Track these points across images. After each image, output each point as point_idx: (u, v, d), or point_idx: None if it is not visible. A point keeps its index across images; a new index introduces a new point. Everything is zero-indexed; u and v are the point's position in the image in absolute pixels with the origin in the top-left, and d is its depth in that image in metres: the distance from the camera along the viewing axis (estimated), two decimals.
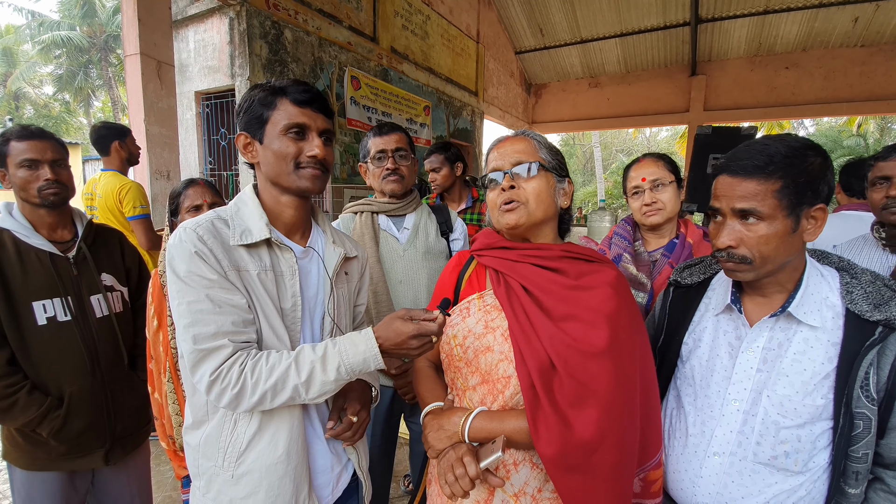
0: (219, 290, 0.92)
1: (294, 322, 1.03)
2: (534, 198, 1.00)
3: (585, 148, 25.32)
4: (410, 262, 1.66)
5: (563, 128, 12.82)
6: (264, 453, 0.98)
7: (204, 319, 0.90)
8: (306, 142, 1.01)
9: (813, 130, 22.82)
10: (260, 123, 1.01)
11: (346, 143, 6.81)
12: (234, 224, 1.00)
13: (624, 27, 10.29)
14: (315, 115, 1.02)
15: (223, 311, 0.91)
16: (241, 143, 1.06)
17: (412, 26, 7.97)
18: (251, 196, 1.07)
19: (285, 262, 1.03)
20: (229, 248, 0.96)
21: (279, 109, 1.00)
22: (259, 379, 0.90)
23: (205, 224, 0.96)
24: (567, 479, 0.87)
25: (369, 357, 0.94)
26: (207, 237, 0.94)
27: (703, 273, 1.14)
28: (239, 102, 1.05)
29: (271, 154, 1.00)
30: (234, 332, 0.92)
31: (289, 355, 0.94)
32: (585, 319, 0.92)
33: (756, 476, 0.95)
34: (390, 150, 1.66)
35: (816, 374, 0.90)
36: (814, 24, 9.12)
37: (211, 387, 0.90)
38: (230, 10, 5.19)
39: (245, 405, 0.92)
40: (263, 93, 1.02)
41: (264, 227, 1.00)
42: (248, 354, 0.93)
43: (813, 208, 0.89)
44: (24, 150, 1.44)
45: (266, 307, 0.98)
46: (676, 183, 1.58)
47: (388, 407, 1.68)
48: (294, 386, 0.92)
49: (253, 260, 0.99)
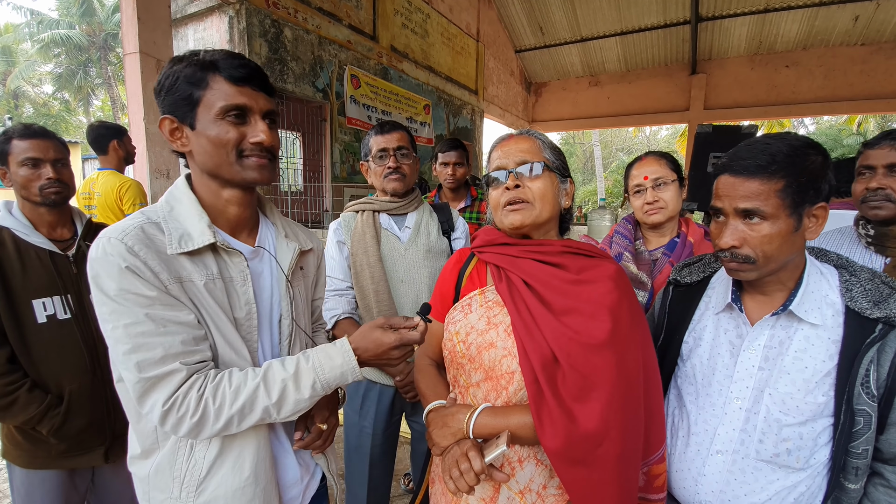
0: (160, 308, 0.80)
1: (250, 331, 0.93)
2: (539, 198, 1.00)
3: (585, 146, 25.32)
4: (412, 261, 1.66)
5: (564, 126, 12.82)
6: (228, 478, 0.89)
7: (147, 343, 0.79)
8: (248, 126, 0.88)
9: (813, 129, 22.82)
10: (189, 105, 0.86)
11: (346, 142, 6.81)
12: (168, 228, 0.86)
13: (624, 25, 10.28)
14: (256, 93, 0.88)
15: (169, 331, 0.80)
16: (167, 129, 0.89)
17: (412, 24, 7.96)
18: (185, 191, 0.92)
19: (234, 267, 0.91)
20: (167, 257, 0.83)
21: (212, 89, 0.85)
22: (223, 403, 0.81)
23: (133, 231, 0.81)
24: (572, 472, 0.87)
25: (347, 371, 0.89)
26: (139, 247, 0.80)
27: (703, 271, 1.15)
28: (159, 79, 0.88)
29: (207, 142, 0.86)
30: (186, 353, 0.81)
31: (255, 374, 0.85)
32: (587, 312, 0.92)
33: (758, 473, 0.95)
34: (392, 148, 1.66)
35: (818, 371, 0.90)
36: (814, 23, 9.12)
37: (165, 417, 0.79)
38: (230, 8, 5.19)
39: (207, 433, 0.82)
40: (190, 68, 0.85)
41: (206, 230, 0.87)
42: (207, 376, 0.83)
43: (814, 207, 0.89)
44: (26, 148, 1.44)
45: (218, 319, 0.87)
46: (678, 182, 1.58)
47: (389, 406, 1.69)
48: (264, 408, 0.84)
49: (197, 268, 0.86)
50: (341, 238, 1.70)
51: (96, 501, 1.61)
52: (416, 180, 1.79)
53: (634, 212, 1.66)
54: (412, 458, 1.93)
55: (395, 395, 1.68)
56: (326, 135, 6.58)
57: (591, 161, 23.27)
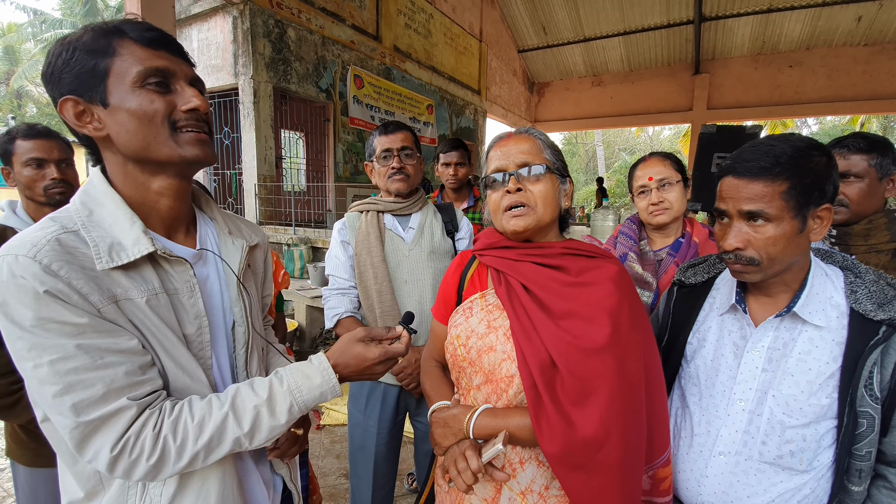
0: (94, 336, 0.66)
1: (203, 348, 0.81)
2: (541, 201, 0.98)
3: (588, 146, 25.29)
4: (416, 261, 1.66)
5: (566, 126, 12.82)
6: None
7: (83, 380, 0.65)
8: (175, 94, 0.75)
9: (816, 129, 22.75)
10: (96, 79, 0.71)
11: (349, 142, 6.82)
12: (92, 237, 0.70)
13: (627, 25, 10.28)
14: (175, 59, 0.76)
15: (108, 363, 0.67)
16: (71, 113, 0.72)
17: (415, 25, 7.97)
18: (105, 189, 0.75)
19: (179, 276, 0.78)
20: (96, 274, 0.69)
21: (122, 55, 0.71)
22: (185, 440, 0.71)
23: (47, 245, 0.66)
24: (572, 477, 0.86)
25: (326, 390, 0.82)
26: (58, 265, 0.65)
27: (707, 272, 1.14)
28: (47, 61, 0.72)
29: (129, 117, 0.71)
30: (132, 386, 0.69)
31: (220, 402, 0.75)
32: (586, 316, 0.91)
33: (761, 475, 0.95)
34: (396, 148, 1.66)
35: (821, 373, 0.90)
36: (817, 23, 9.10)
37: (115, 463, 0.67)
38: (234, 8, 5.21)
39: (168, 473, 0.71)
40: (91, 35, 0.71)
41: (142, 237, 0.73)
42: (162, 410, 0.71)
43: (819, 208, 0.88)
44: (30, 148, 1.45)
45: (165, 340, 0.75)
46: (683, 182, 1.58)
47: (394, 405, 1.69)
48: (235, 439, 0.74)
49: (135, 283, 0.72)
50: (345, 238, 1.71)
51: None
52: (421, 181, 1.79)
53: (639, 212, 1.66)
54: (416, 457, 1.93)
55: (399, 393, 1.69)
56: (329, 135, 6.60)
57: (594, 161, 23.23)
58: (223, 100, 5.70)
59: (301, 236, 5.24)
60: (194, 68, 0.81)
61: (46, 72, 0.73)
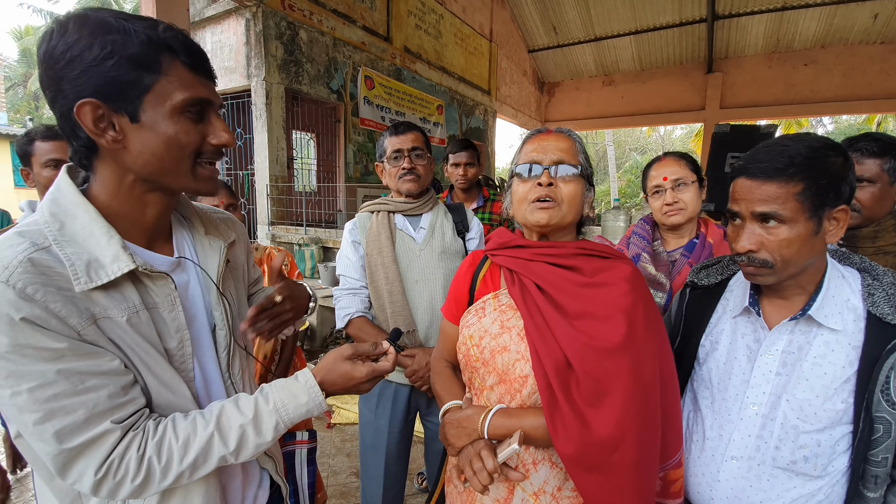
0: (74, 360, 0.64)
1: (184, 361, 0.79)
2: (568, 201, 0.98)
3: (598, 146, 25.13)
4: (427, 261, 1.66)
5: (577, 126, 12.75)
6: None
7: (64, 406, 0.63)
8: (208, 125, 0.74)
9: (832, 128, 22.38)
10: (133, 91, 0.66)
11: (360, 143, 6.86)
12: (66, 254, 0.66)
13: (639, 24, 10.20)
14: (211, 85, 0.74)
15: (90, 387, 0.65)
16: (90, 118, 0.66)
17: (425, 25, 7.99)
18: (78, 199, 0.70)
19: (159, 291, 0.76)
20: (72, 294, 0.65)
21: (170, 77, 0.68)
22: (170, 460, 0.70)
23: (19, 268, 0.61)
24: (587, 478, 0.86)
25: (313, 407, 0.82)
26: (33, 289, 0.61)
27: (721, 274, 1.13)
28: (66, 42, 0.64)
29: (158, 141, 0.69)
30: (115, 408, 0.67)
31: (206, 421, 0.74)
32: (600, 316, 0.91)
33: (774, 480, 0.94)
34: (406, 149, 1.66)
35: (837, 378, 0.89)
36: (833, 21, 8.96)
37: (99, 486, 0.66)
38: (246, 11, 5.26)
39: (152, 491, 0.71)
40: (137, 46, 0.65)
41: (121, 253, 0.69)
42: (146, 431, 0.70)
43: (835, 209, 0.87)
44: (49, 150, 1.48)
45: (147, 357, 0.73)
46: (698, 182, 1.57)
47: (405, 404, 1.70)
48: (220, 457, 0.74)
49: (114, 302, 0.69)
50: (356, 238, 1.72)
51: None
52: (431, 181, 1.80)
53: (653, 213, 1.65)
54: (426, 457, 1.94)
55: (410, 393, 1.70)
56: (340, 135, 6.64)
57: (605, 161, 23.09)
58: (236, 101, 5.75)
59: (312, 236, 5.28)
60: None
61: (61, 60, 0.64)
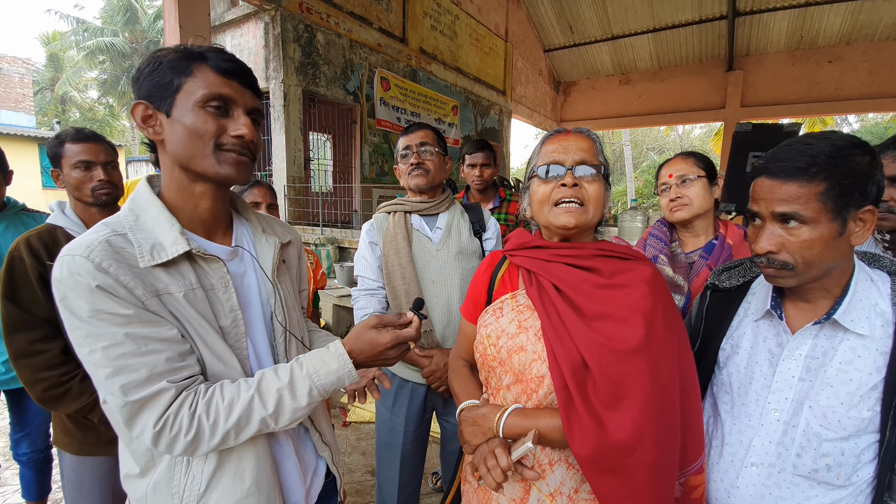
0: (140, 326, 0.75)
1: (238, 339, 0.89)
2: (594, 201, 0.97)
3: (615, 146, 24.86)
4: (443, 261, 1.66)
5: (593, 126, 12.62)
6: (230, 490, 0.86)
7: (130, 364, 0.74)
8: (230, 119, 0.84)
9: (857, 126, 21.79)
10: (168, 91, 0.81)
11: (376, 143, 6.90)
12: (136, 238, 0.80)
13: (657, 22, 10.06)
14: (242, 89, 0.85)
15: (152, 350, 0.76)
16: (140, 115, 0.83)
17: (441, 26, 8.00)
18: (149, 197, 0.86)
19: (214, 273, 0.87)
20: (140, 270, 0.78)
21: (196, 77, 0.81)
22: (217, 419, 0.78)
23: (98, 246, 0.75)
24: (603, 480, 0.85)
25: (343, 375, 0.87)
26: (108, 263, 0.74)
27: (743, 276, 1.10)
28: (138, 67, 0.84)
29: (183, 130, 0.81)
30: (172, 371, 0.77)
31: (248, 385, 0.82)
32: (619, 317, 0.90)
33: (795, 489, 0.92)
34: (414, 145, 1.66)
35: (863, 384, 0.86)
36: (858, 17, 8.72)
37: (158, 438, 0.76)
38: (265, 14, 5.34)
39: (203, 449, 0.80)
40: (177, 56, 0.82)
41: (179, 238, 0.82)
42: (197, 392, 0.79)
43: (861, 210, 0.84)
44: (78, 151, 1.52)
45: (202, 331, 0.83)
46: (708, 179, 1.55)
47: (421, 403, 1.71)
48: (261, 419, 0.81)
49: (174, 279, 0.81)
50: (373, 239, 1.73)
51: None
52: (445, 179, 1.79)
53: (662, 210, 1.66)
54: (442, 456, 1.94)
55: (426, 392, 1.70)
56: (356, 136, 6.69)
57: (621, 161, 22.83)
58: None
59: (328, 236, 5.33)
60: (261, 98, 0.90)
61: (134, 76, 0.85)
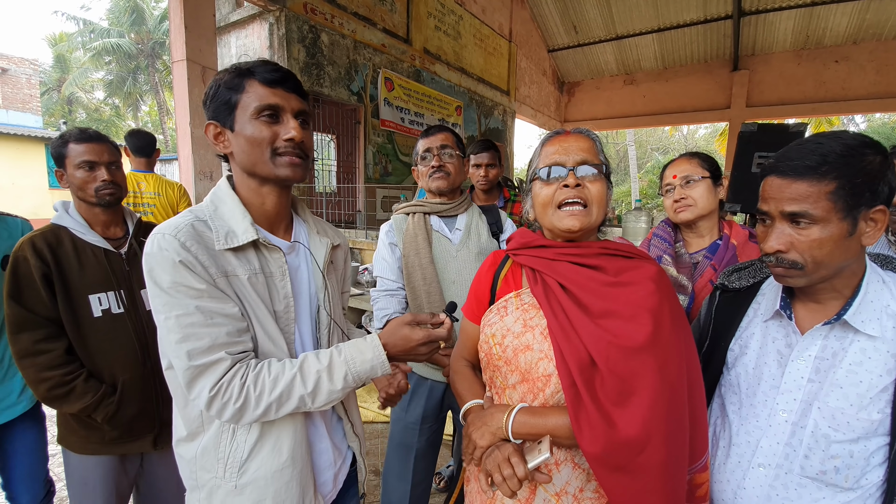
0: (209, 300, 0.86)
1: (288, 324, 1.00)
2: (597, 202, 0.97)
3: (619, 146, 24.80)
4: (464, 262, 1.67)
5: (597, 126, 12.58)
6: (268, 460, 0.95)
7: (196, 333, 0.85)
8: (281, 125, 0.94)
9: (864, 127, 21.64)
10: (229, 109, 0.93)
11: (379, 144, 6.90)
12: (215, 225, 0.93)
13: (661, 22, 10.01)
14: (288, 95, 0.95)
15: (216, 323, 0.86)
16: (212, 134, 0.97)
17: (445, 27, 7.99)
18: (228, 192, 0.99)
19: (274, 262, 0.98)
20: (214, 252, 0.90)
21: (248, 92, 0.92)
22: (263, 391, 0.88)
23: (185, 228, 0.88)
24: (614, 479, 0.85)
25: (377, 364, 0.94)
26: (190, 243, 0.87)
27: (753, 277, 1.10)
28: (206, 91, 0.97)
29: (244, 141, 0.93)
30: (230, 344, 0.88)
31: (292, 365, 0.91)
32: (626, 315, 0.90)
33: (803, 490, 0.91)
34: (435, 147, 1.67)
35: (873, 386, 0.85)
36: (865, 16, 8.65)
37: (211, 403, 0.86)
38: (270, 15, 5.35)
39: (249, 418, 0.89)
40: (230, 75, 0.94)
41: (249, 228, 0.94)
42: (248, 366, 0.89)
43: (872, 210, 0.84)
44: (82, 152, 1.52)
45: (259, 312, 0.94)
46: (712, 180, 1.55)
47: (439, 402, 1.70)
48: (300, 396, 0.90)
49: (241, 264, 0.93)
50: (393, 240, 1.73)
51: (145, 486, 1.69)
52: (463, 181, 1.80)
53: (666, 211, 1.66)
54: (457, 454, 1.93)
55: (445, 390, 1.70)
56: (360, 137, 6.69)
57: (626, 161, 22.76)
58: None
59: None
60: (305, 99, 1.00)
61: (204, 100, 0.97)
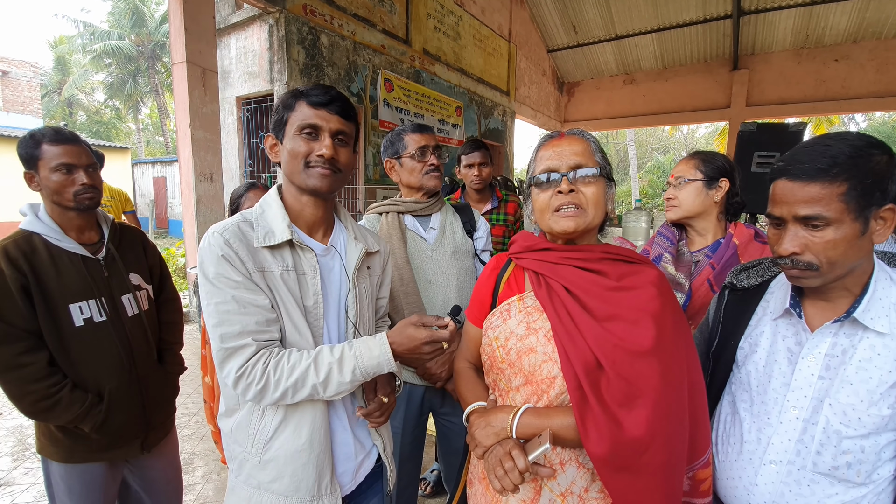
0: (244, 291, 0.97)
1: (317, 319, 1.08)
2: (593, 204, 0.98)
3: (619, 146, 24.83)
4: (439, 262, 1.66)
5: (597, 126, 12.59)
6: (288, 441, 1.04)
7: (230, 319, 0.95)
8: (318, 142, 1.04)
9: (865, 125, 21.67)
10: (282, 125, 1.06)
11: (379, 145, 6.90)
12: (258, 226, 1.04)
13: (661, 22, 10.04)
14: (330, 116, 1.05)
15: (248, 312, 0.96)
16: (269, 144, 1.11)
17: (444, 27, 8.00)
18: (275, 198, 1.11)
19: (306, 261, 1.07)
20: (254, 249, 1.01)
21: (296, 111, 1.04)
22: (281, 377, 0.96)
23: (231, 227, 1.01)
24: (617, 479, 0.86)
25: (383, 361, 1.00)
26: (233, 240, 0.98)
27: (762, 276, 1.10)
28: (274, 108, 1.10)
29: (287, 153, 1.05)
30: (258, 332, 0.97)
31: (309, 355, 0.99)
32: (630, 319, 0.91)
33: (815, 486, 0.92)
34: (433, 146, 1.67)
35: (883, 382, 0.86)
36: (865, 15, 8.67)
37: (237, 382, 0.96)
38: (269, 17, 5.35)
39: (268, 399, 0.98)
40: (287, 95, 1.07)
41: (286, 229, 1.04)
42: (271, 353, 0.98)
43: (882, 209, 0.84)
44: (59, 154, 1.41)
45: (289, 305, 1.03)
46: (705, 182, 1.55)
47: (419, 405, 1.69)
48: (313, 385, 0.97)
49: (276, 260, 1.03)
50: None
51: (138, 482, 1.64)
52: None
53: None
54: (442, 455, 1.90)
55: (424, 393, 1.69)
56: (360, 138, 6.68)
57: (626, 161, 22.79)
58: (259, 105, 5.86)
59: None
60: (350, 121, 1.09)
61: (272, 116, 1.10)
